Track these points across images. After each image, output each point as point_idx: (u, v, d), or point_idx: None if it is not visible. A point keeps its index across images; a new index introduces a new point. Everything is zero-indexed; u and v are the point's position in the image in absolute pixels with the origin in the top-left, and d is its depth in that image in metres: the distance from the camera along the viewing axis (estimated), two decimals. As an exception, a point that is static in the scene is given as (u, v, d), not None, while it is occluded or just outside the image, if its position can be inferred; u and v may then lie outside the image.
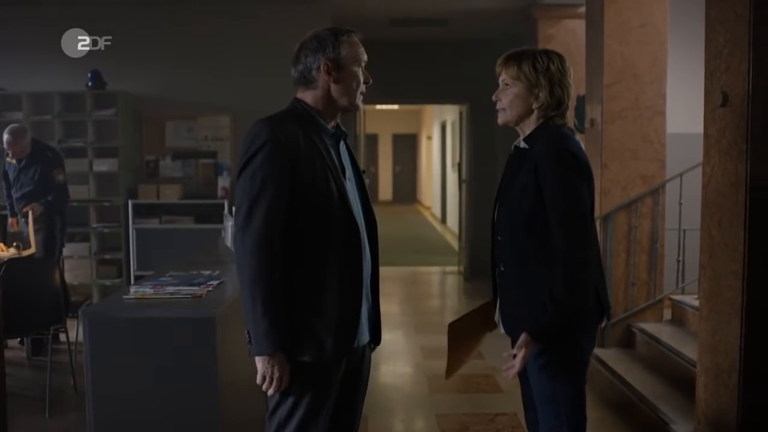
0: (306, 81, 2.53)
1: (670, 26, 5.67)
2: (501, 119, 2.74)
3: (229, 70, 7.94)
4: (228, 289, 3.57)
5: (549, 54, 2.68)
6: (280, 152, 2.37)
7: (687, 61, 5.88)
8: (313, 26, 2.66)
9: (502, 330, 2.83)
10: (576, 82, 6.71)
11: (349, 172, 2.59)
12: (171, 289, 3.45)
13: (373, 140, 24.09)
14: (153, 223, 7.77)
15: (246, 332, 2.39)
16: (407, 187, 25.39)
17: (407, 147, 25.29)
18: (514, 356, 2.59)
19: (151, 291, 3.43)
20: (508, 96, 2.68)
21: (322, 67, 2.49)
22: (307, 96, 2.54)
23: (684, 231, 5.69)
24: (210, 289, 3.49)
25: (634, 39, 5.62)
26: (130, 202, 7.73)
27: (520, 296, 2.67)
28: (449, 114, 15.85)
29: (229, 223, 4.88)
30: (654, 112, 5.65)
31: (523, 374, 2.76)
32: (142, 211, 7.81)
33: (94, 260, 7.94)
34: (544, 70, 2.63)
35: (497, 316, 2.84)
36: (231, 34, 7.95)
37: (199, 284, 3.57)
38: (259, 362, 2.41)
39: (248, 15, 7.92)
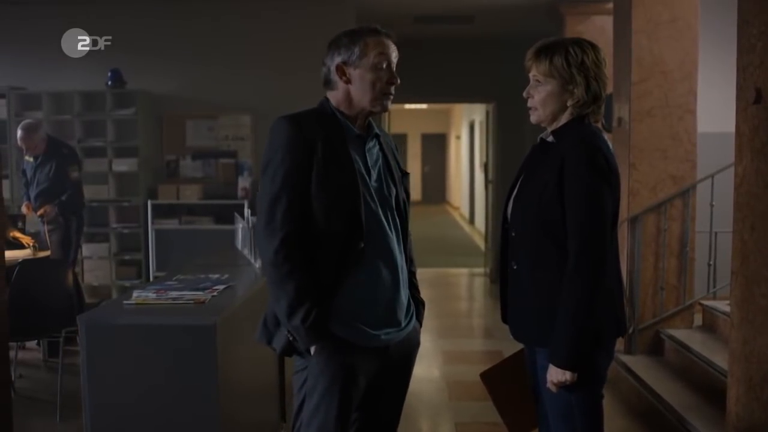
0: (328, 82, 2.55)
1: (701, 20, 5.48)
2: (534, 118, 2.55)
3: (250, 68, 7.84)
4: (234, 294, 3.44)
5: (582, 45, 2.47)
6: (299, 150, 2.40)
7: (719, 56, 5.66)
8: (336, 24, 2.64)
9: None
10: (604, 80, 6.54)
11: (377, 173, 2.55)
12: (174, 294, 3.33)
13: (402, 140, 23.97)
14: (172, 224, 7.67)
15: (287, 333, 2.43)
16: (436, 187, 25.20)
17: (436, 147, 25.11)
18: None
19: (154, 296, 3.30)
20: (541, 94, 2.48)
21: (336, 69, 2.49)
22: (332, 97, 2.55)
23: (716, 234, 5.50)
24: (215, 294, 3.37)
25: (663, 34, 5.43)
26: (149, 203, 7.64)
27: (532, 300, 2.51)
28: (477, 113, 15.68)
29: (240, 225, 4.77)
30: (684, 110, 5.46)
31: (537, 388, 2.60)
32: (161, 212, 7.71)
33: (113, 261, 7.87)
34: (579, 64, 2.42)
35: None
36: (253, 32, 7.85)
37: (204, 289, 3.44)
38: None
39: (271, 13, 7.81)
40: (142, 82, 7.81)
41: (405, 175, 2.68)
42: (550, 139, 2.51)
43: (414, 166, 25.04)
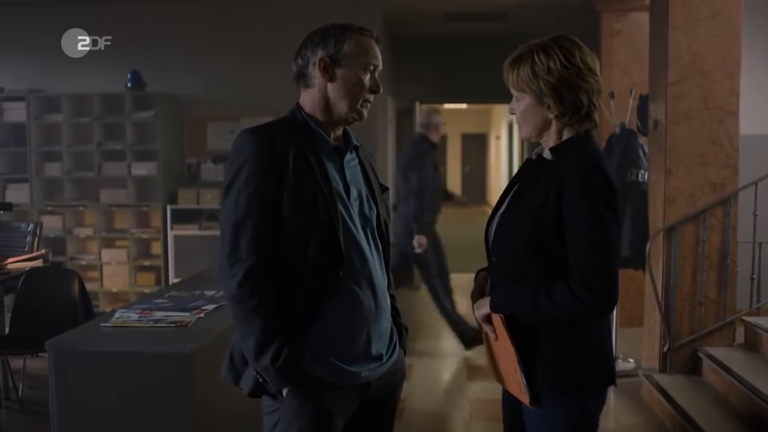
0: (303, 78, 2.28)
1: (744, 16, 5.09)
2: (522, 134, 2.29)
3: (273, 69, 7.52)
4: (223, 316, 3.17)
5: (548, 49, 2.13)
6: (267, 169, 2.14)
7: (764, 54, 5.29)
8: (363, 22, 2.33)
9: None
10: (642, 80, 6.15)
11: (357, 190, 2.27)
12: (158, 315, 3.08)
13: (441, 140, 23.52)
14: (192, 230, 7.46)
15: (255, 373, 2.16)
16: (476, 188, 24.83)
17: (476, 147, 24.77)
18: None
19: (135, 317, 3.06)
20: (519, 109, 2.22)
21: (317, 64, 2.21)
22: (306, 99, 2.29)
23: (760, 245, 5.16)
24: (201, 315, 3.11)
25: (703, 31, 5.06)
26: (168, 207, 7.44)
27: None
28: (516, 113, 15.35)
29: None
30: (725, 112, 5.07)
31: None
32: (181, 217, 7.50)
33: (132, 267, 7.68)
34: (545, 72, 2.11)
35: None
36: (275, 32, 7.59)
37: (192, 309, 3.19)
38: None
39: (294, 12, 7.58)
40: (163, 84, 7.63)
41: (385, 190, 2.40)
42: (549, 156, 2.21)
43: (454, 167, 24.76)
